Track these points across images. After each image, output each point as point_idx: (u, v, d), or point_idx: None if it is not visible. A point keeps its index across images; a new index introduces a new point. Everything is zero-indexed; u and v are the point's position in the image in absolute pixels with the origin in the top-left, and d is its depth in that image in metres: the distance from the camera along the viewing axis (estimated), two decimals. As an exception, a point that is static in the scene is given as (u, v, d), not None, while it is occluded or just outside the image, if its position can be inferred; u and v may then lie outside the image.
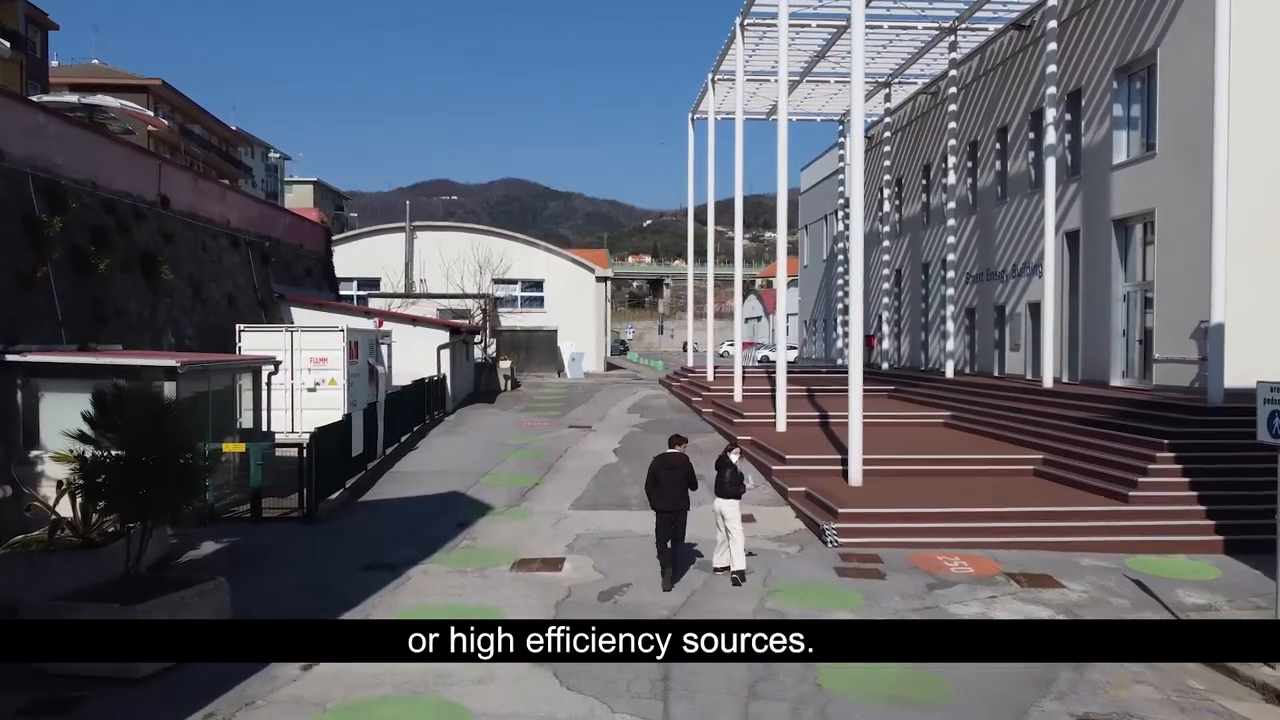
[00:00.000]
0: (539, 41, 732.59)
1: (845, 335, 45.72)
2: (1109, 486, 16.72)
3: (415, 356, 32.20)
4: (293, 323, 31.76)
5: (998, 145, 31.06)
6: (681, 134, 43.58)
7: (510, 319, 49.88)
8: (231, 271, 28.14)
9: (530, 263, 51.17)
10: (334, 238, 52.38)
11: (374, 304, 45.15)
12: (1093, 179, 25.22)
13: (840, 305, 45.34)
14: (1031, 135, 28.76)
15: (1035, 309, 28.31)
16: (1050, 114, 25.02)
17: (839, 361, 44.99)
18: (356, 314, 32.49)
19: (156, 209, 23.54)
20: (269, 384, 20.88)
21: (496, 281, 49.33)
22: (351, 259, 49.45)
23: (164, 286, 22.96)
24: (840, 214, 45.61)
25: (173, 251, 24.02)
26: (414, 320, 32.57)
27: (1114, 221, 24.24)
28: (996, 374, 30.88)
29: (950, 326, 31.59)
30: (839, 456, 19.51)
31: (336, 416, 22.51)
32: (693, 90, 44.49)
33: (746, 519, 16.48)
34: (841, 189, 45.40)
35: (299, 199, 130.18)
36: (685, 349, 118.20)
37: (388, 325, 31.71)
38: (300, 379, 23.82)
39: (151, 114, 28.47)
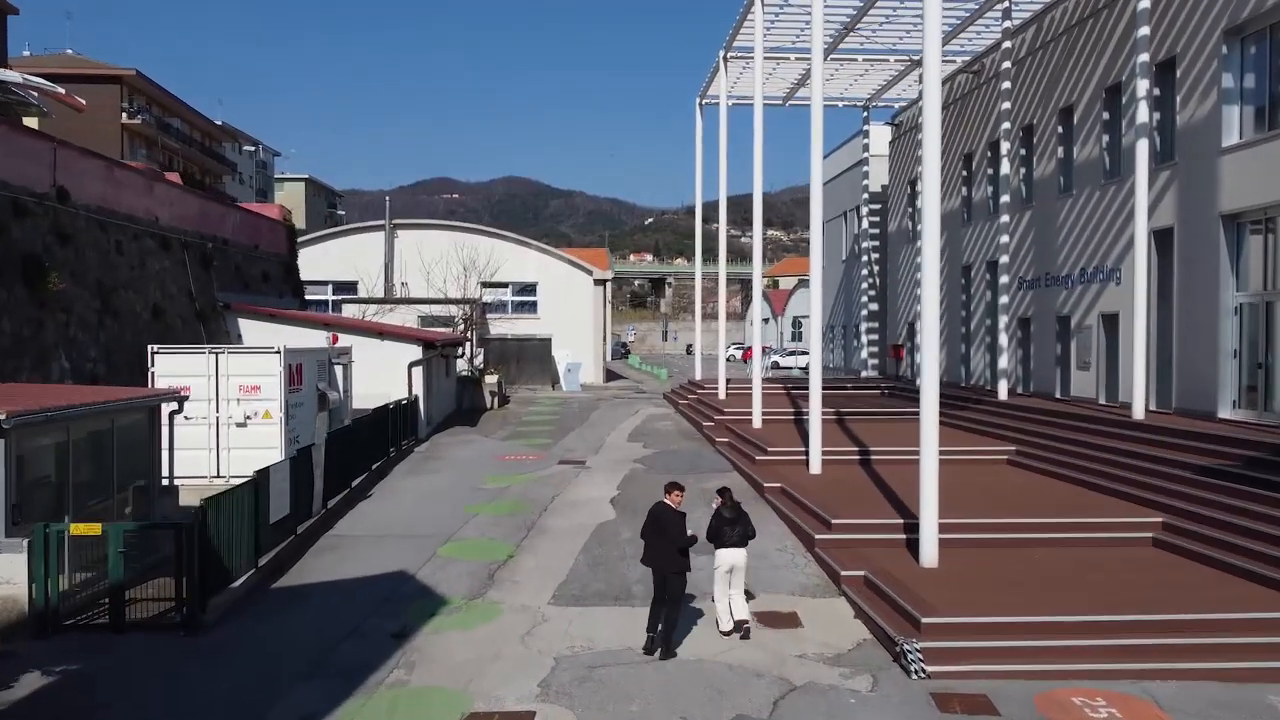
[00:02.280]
0: (540, 39, 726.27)
1: (870, 344, 41.31)
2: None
3: (384, 375, 27.85)
4: (239, 337, 27.50)
5: (1060, 129, 26.62)
6: (686, 125, 39.35)
7: (500, 326, 45.47)
8: (159, 278, 23.78)
9: (522, 264, 46.75)
10: (305, 237, 48.13)
11: (348, 310, 40.89)
12: (1192, 166, 20.81)
13: (865, 311, 40.94)
14: (1106, 115, 24.34)
15: (1111, 321, 23.93)
16: (1141, 86, 20.59)
17: (863, 374, 40.61)
18: (317, 325, 28.14)
19: (49, 203, 19.17)
20: (172, 420, 16.51)
21: (485, 285, 44.92)
22: (326, 260, 45.11)
23: (55, 298, 18.59)
24: (865, 210, 41.19)
25: (71, 254, 19.66)
26: (380, 333, 28.18)
27: (1223, 217, 19.82)
28: (1059, 396, 26.50)
29: (1003, 340, 27.18)
30: (900, 521, 15.13)
31: (274, 456, 18.24)
32: (696, 81, 40.17)
33: (788, 619, 12.32)
34: (866, 182, 41.00)
35: (290, 197, 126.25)
36: (689, 351, 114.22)
37: (350, 339, 27.38)
38: (227, 412, 19.47)
39: (63, 91, 23.93)
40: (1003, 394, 26.80)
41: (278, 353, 19.51)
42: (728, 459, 23.46)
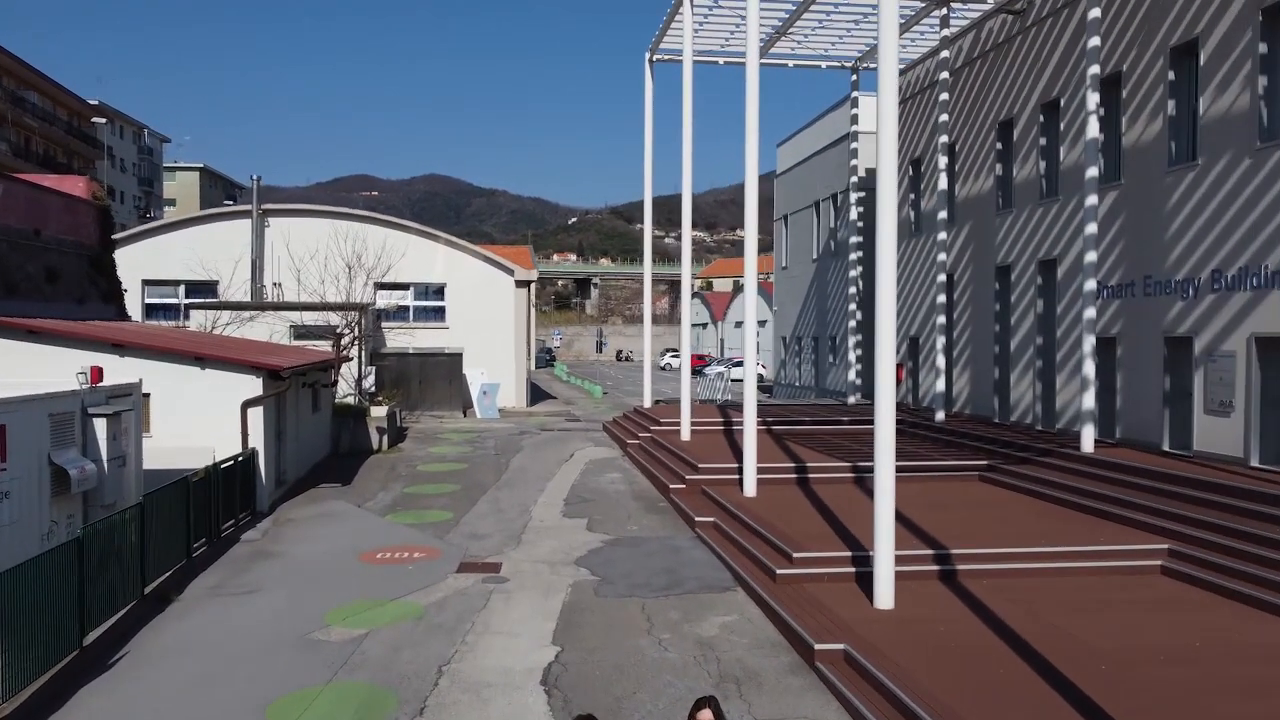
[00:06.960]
0: (460, 35, 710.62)
1: (858, 362, 33.66)
2: None
3: (210, 418, 19.12)
4: (-15, 363, 18.38)
5: (1172, 75, 19.14)
6: (614, 121, 31.14)
7: (399, 337, 36.67)
8: None
9: (427, 261, 37.93)
10: (148, 225, 38.80)
11: (196, 319, 31.74)
12: None
13: (852, 322, 33.27)
14: (1264, 48, 16.86)
15: (1272, 346, 16.45)
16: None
17: (850, 399, 32.90)
18: (105, 345, 19.18)
19: None
20: None
21: (380, 287, 36.09)
22: (178, 255, 35.69)
23: None
24: (853, 197, 33.51)
25: None
26: (200, 357, 19.31)
27: None
28: (1168, 448, 19.02)
29: (1088, 368, 19.59)
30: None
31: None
32: (633, 62, 31.71)
33: None
34: (855, 162, 33.35)
35: (181, 187, 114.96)
36: (620, 358, 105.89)
37: (153, 368, 18.56)
38: None
39: None
40: (1088, 444, 19.24)
41: (-64, 413, 10.74)
42: (724, 560, 15.20)
